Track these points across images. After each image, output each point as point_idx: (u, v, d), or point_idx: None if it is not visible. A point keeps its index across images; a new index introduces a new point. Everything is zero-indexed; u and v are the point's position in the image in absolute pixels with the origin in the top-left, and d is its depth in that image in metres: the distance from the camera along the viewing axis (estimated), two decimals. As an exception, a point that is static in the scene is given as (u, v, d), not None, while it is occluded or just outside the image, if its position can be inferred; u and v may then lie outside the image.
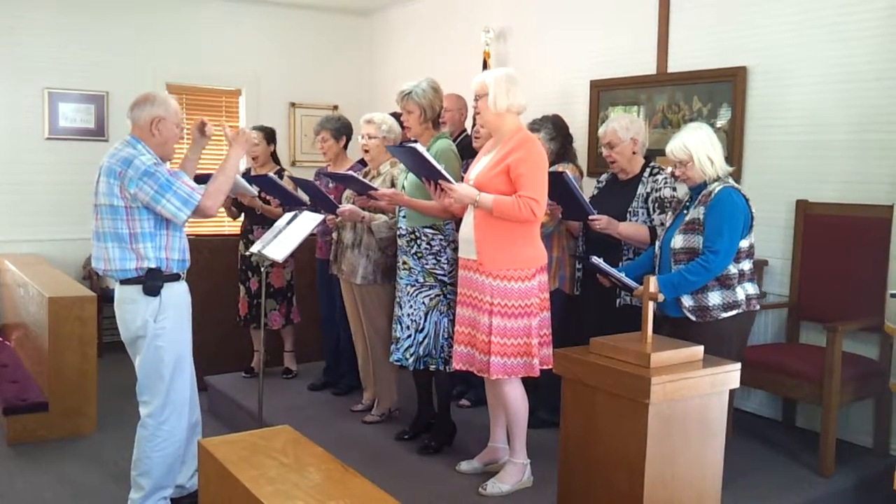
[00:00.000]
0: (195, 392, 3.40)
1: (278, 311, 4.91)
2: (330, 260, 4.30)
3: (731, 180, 3.14)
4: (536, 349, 3.15)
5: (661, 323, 3.11)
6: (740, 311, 3.09)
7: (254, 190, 4.19)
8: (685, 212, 3.20)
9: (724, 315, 3.06)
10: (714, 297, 3.06)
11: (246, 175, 4.44)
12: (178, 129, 3.21)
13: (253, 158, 4.87)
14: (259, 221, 4.76)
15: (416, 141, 3.49)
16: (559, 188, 3.50)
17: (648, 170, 3.70)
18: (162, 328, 3.14)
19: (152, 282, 3.09)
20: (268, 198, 4.68)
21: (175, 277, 3.19)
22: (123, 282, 3.12)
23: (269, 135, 4.95)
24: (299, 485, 2.18)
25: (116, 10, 6.42)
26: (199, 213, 3.09)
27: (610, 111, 5.04)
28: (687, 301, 3.08)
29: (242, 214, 4.95)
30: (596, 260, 3.24)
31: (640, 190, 3.66)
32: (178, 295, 3.21)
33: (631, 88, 4.98)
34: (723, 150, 3.18)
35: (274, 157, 5.00)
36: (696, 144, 3.10)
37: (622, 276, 3.21)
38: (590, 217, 3.55)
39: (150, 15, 6.56)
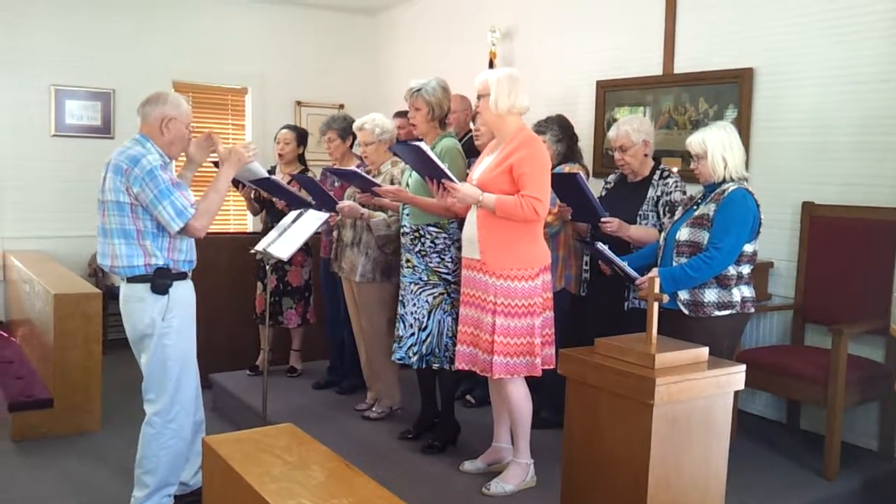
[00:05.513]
0: (199, 389, 3.40)
1: (294, 310, 4.91)
2: (331, 258, 4.30)
3: (745, 184, 3.14)
4: (539, 348, 3.15)
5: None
6: (734, 311, 3.10)
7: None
8: (695, 208, 3.21)
9: (718, 313, 3.07)
10: (710, 295, 3.07)
11: (271, 173, 4.34)
12: (187, 130, 3.21)
13: (279, 155, 4.87)
14: (280, 218, 4.75)
15: (420, 139, 3.49)
16: (571, 189, 3.49)
17: (658, 172, 3.69)
18: (169, 327, 3.14)
19: (161, 280, 3.09)
20: (273, 199, 4.66)
21: (182, 276, 3.19)
22: (130, 279, 3.12)
23: (301, 135, 4.95)
24: (303, 483, 2.19)
25: (124, 7, 6.44)
26: (187, 231, 3.08)
27: (616, 112, 5.03)
28: (683, 294, 3.09)
29: (263, 210, 4.95)
30: (601, 246, 3.26)
31: (651, 193, 3.65)
32: (185, 293, 3.21)
33: (637, 89, 4.97)
34: (743, 155, 3.16)
35: (301, 159, 4.97)
36: (714, 143, 3.11)
37: (625, 265, 3.23)
38: (601, 219, 3.53)
39: (157, 12, 6.58)
